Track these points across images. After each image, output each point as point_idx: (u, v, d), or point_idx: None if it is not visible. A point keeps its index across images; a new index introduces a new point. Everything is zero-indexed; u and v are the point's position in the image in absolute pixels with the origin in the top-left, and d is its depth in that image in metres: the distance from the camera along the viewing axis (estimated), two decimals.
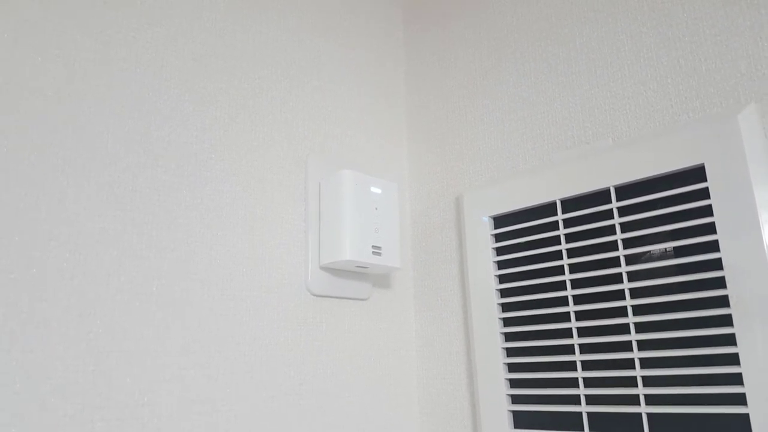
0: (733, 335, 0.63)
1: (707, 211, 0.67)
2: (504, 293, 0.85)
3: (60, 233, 0.62)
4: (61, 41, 0.66)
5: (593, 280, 0.75)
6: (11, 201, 0.59)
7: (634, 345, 0.70)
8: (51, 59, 0.65)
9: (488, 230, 0.88)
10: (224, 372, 0.72)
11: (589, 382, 0.74)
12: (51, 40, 0.65)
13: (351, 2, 1.05)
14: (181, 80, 0.76)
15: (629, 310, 0.71)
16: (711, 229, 0.66)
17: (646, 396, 0.69)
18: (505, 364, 0.83)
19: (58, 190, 0.63)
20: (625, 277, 0.72)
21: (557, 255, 0.80)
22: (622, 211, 0.74)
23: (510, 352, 0.83)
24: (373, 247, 0.83)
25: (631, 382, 0.70)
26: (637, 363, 0.70)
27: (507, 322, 0.84)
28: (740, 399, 0.62)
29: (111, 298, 0.64)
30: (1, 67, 0.61)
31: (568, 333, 0.77)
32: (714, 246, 0.66)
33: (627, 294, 0.72)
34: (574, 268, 0.77)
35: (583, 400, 0.74)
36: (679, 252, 0.69)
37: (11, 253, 0.58)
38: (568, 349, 0.77)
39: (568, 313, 0.77)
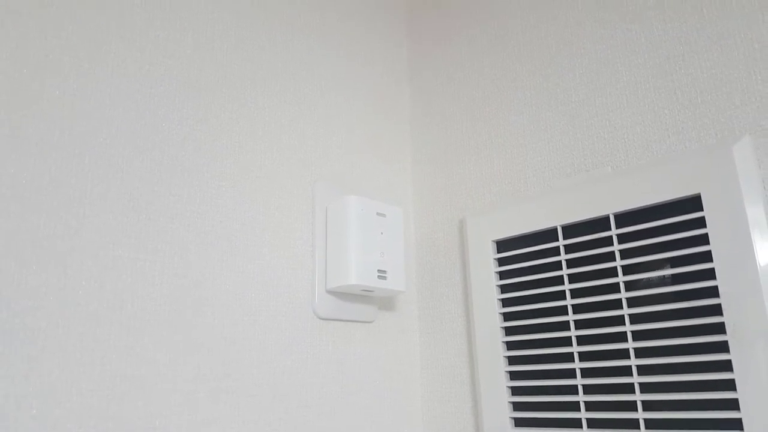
0: (729, 361, 0.65)
1: (703, 239, 0.69)
2: (507, 317, 0.87)
3: (74, 261, 0.64)
4: (78, 75, 0.69)
5: (594, 305, 0.77)
6: (29, 230, 0.62)
7: (634, 370, 0.72)
8: (69, 92, 0.68)
9: (491, 254, 0.89)
10: (233, 395, 0.74)
11: (590, 406, 0.76)
12: (69, 74, 0.68)
13: (356, 30, 1.08)
14: (193, 110, 0.79)
15: (629, 335, 0.73)
16: (707, 257, 0.68)
17: (646, 420, 0.70)
18: (508, 387, 0.84)
19: (75, 220, 0.65)
20: (624, 303, 0.74)
21: (559, 280, 0.81)
22: (621, 238, 0.76)
23: (513, 375, 0.85)
24: (378, 271, 0.85)
25: (630, 406, 0.72)
26: (636, 387, 0.71)
27: (510, 345, 0.86)
28: (737, 424, 0.63)
29: (125, 325, 0.66)
30: (20, 100, 0.64)
31: (569, 357, 0.78)
32: (710, 274, 0.68)
33: (627, 320, 0.73)
34: (575, 293, 0.79)
35: (584, 423, 0.75)
36: (676, 279, 0.71)
37: (28, 281, 0.60)
38: (570, 373, 0.78)
39: (570, 337, 0.79)
